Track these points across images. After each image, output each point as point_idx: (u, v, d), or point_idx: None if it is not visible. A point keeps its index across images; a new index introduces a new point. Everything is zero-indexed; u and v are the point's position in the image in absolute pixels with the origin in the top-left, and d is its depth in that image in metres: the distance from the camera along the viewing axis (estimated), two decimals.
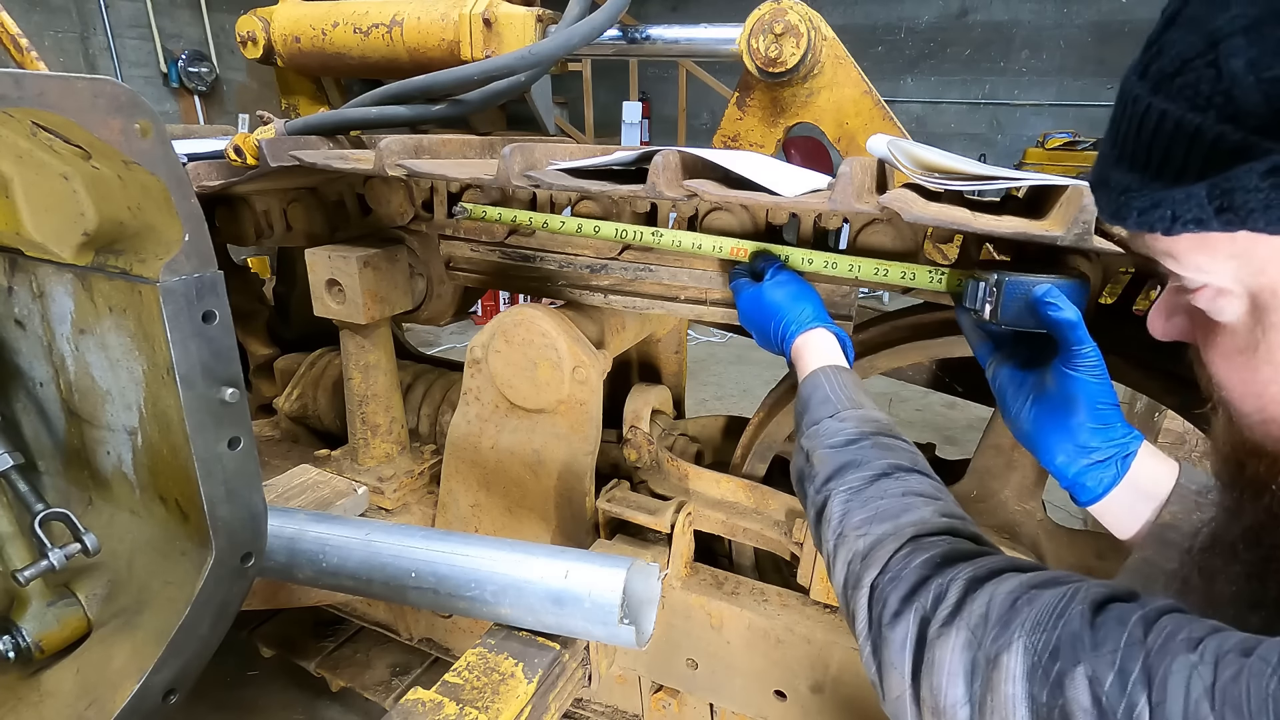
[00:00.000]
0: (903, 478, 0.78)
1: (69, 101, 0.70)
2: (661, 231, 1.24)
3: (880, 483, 0.78)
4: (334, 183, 1.66)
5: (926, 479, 0.79)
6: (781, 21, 1.37)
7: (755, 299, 1.11)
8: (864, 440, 0.83)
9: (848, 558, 0.73)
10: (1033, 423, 0.86)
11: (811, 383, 0.95)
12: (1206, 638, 0.45)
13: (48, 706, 0.96)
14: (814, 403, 0.92)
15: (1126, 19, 7.13)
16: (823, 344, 1.02)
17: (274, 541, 1.18)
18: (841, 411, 0.88)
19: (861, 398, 0.91)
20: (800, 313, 1.05)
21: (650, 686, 1.55)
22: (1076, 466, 0.80)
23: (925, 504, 0.74)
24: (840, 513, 0.77)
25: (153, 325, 0.83)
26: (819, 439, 0.87)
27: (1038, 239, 0.91)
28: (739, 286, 1.17)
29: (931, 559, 0.66)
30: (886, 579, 0.67)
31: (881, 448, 0.82)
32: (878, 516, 0.74)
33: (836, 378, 0.94)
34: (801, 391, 0.96)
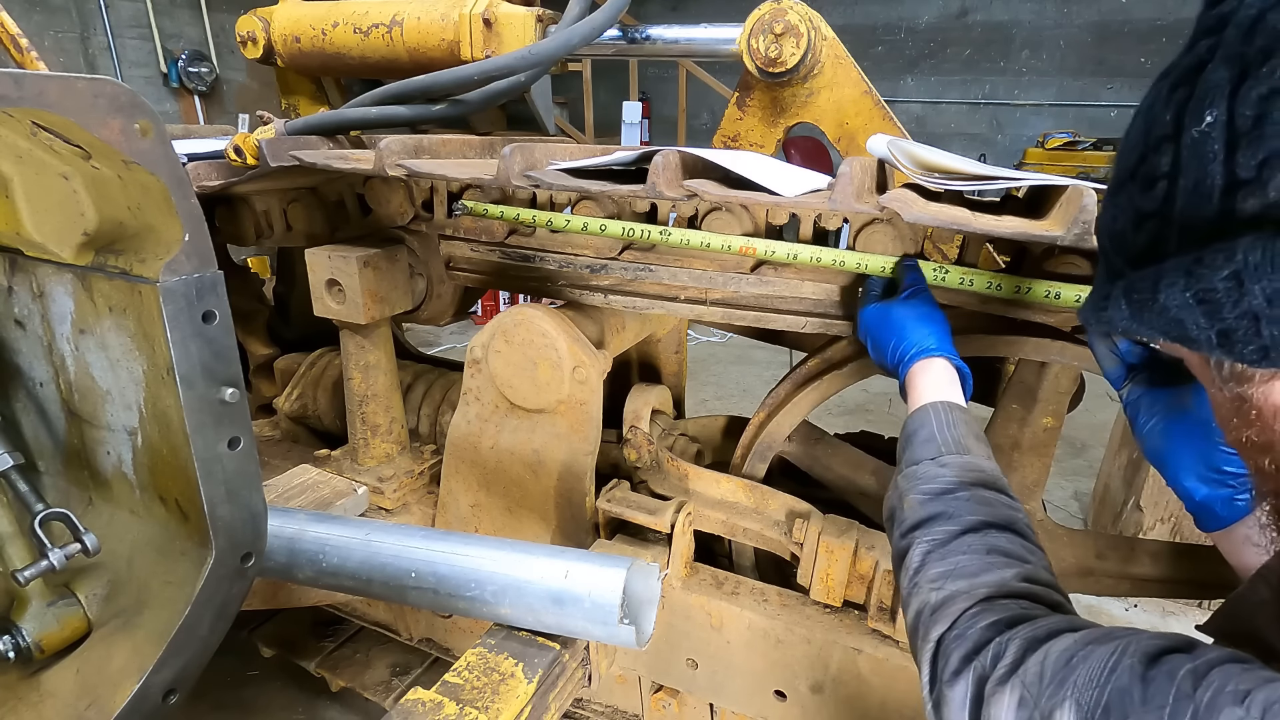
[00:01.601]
0: (991, 535, 0.75)
1: (69, 101, 0.70)
2: (670, 230, 1.24)
3: (965, 538, 0.75)
4: (334, 183, 1.66)
5: (1018, 538, 0.75)
6: (781, 21, 1.37)
7: (881, 313, 1.06)
8: (960, 491, 0.80)
9: (919, 608, 0.73)
10: (1165, 441, 0.86)
11: (919, 418, 0.91)
12: (1255, 690, 0.45)
13: (48, 706, 0.96)
14: (917, 440, 0.88)
15: (1126, 19, 7.12)
16: (940, 376, 0.96)
17: (274, 541, 1.18)
18: (944, 456, 0.84)
19: (970, 442, 0.86)
20: (924, 337, 0.99)
21: (650, 686, 1.55)
22: (1207, 490, 0.81)
23: (1007, 565, 0.72)
24: (918, 563, 0.76)
25: (153, 325, 0.83)
26: (914, 482, 0.83)
27: (1038, 239, 0.91)
28: (868, 298, 1.13)
29: (999, 621, 0.65)
30: (952, 635, 0.67)
31: (977, 501, 0.79)
32: (954, 573, 0.72)
33: (947, 416, 0.89)
34: (907, 424, 0.92)
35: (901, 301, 1.06)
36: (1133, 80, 7.20)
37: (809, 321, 1.27)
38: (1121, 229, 0.55)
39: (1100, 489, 3.00)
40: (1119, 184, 0.57)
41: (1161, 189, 0.50)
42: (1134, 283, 0.54)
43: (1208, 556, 1.21)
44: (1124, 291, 0.55)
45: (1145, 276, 0.52)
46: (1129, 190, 0.55)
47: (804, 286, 1.24)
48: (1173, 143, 0.49)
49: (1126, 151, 0.56)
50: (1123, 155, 0.57)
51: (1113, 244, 0.57)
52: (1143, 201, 0.52)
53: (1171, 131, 0.50)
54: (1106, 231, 0.59)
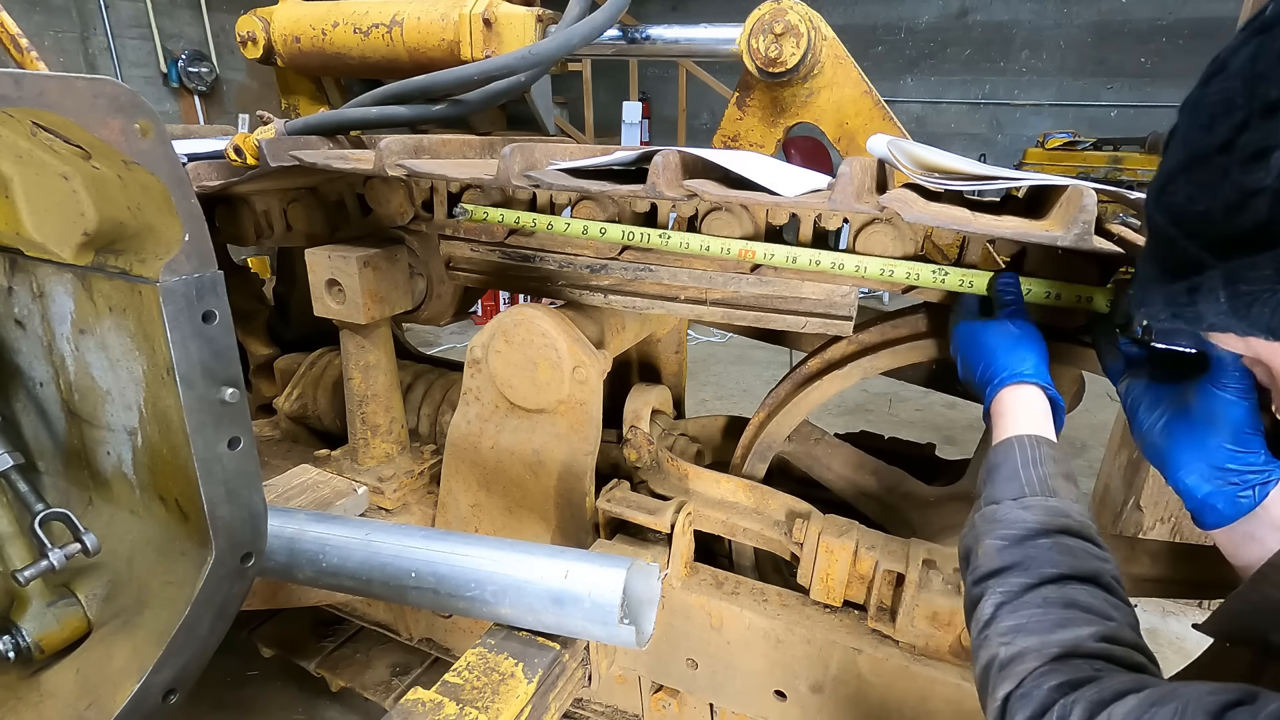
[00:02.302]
0: (1071, 588, 0.70)
1: (69, 101, 0.70)
2: (669, 234, 1.24)
3: (1042, 590, 0.70)
4: (334, 183, 1.66)
5: (1102, 593, 0.70)
6: (781, 21, 1.37)
7: (974, 333, 1.00)
8: (1042, 538, 0.74)
9: (987, 661, 0.70)
10: (1167, 439, 0.85)
11: (1003, 451, 0.85)
12: None
13: (48, 706, 0.96)
14: (1000, 477, 0.82)
15: (1126, 19, 7.13)
16: (1030, 405, 0.89)
17: (274, 541, 1.18)
18: (1027, 497, 0.78)
19: (1058, 483, 0.80)
20: (1018, 362, 0.92)
21: (650, 686, 1.55)
22: (1209, 488, 0.80)
23: (1086, 622, 0.67)
24: (989, 614, 0.72)
25: (153, 325, 0.83)
26: (992, 525, 0.78)
27: (1038, 240, 0.91)
28: (962, 314, 1.07)
29: (1067, 682, 0.62)
30: (1018, 695, 0.64)
31: (1060, 550, 0.73)
32: (1026, 628, 0.68)
33: (1034, 451, 0.83)
34: (990, 457, 0.86)
35: (997, 321, 0.99)
36: (1133, 80, 7.20)
37: (809, 321, 1.27)
38: (1206, 210, 0.50)
39: (1100, 489, 3.00)
40: (1196, 159, 0.51)
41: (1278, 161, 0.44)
42: (1238, 272, 0.48)
43: (1208, 556, 1.21)
44: (1224, 282, 0.49)
45: (1259, 264, 0.46)
46: (1217, 165, 0.49)
47: (804, 287, 1.24)
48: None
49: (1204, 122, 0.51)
50: (1198, 126, 0.52)
51: (1189, 229, 0.52)
52: (1246, 177, 0.46)
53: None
54: (1177, 215, 0.53)
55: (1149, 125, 6.48)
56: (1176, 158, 0.55)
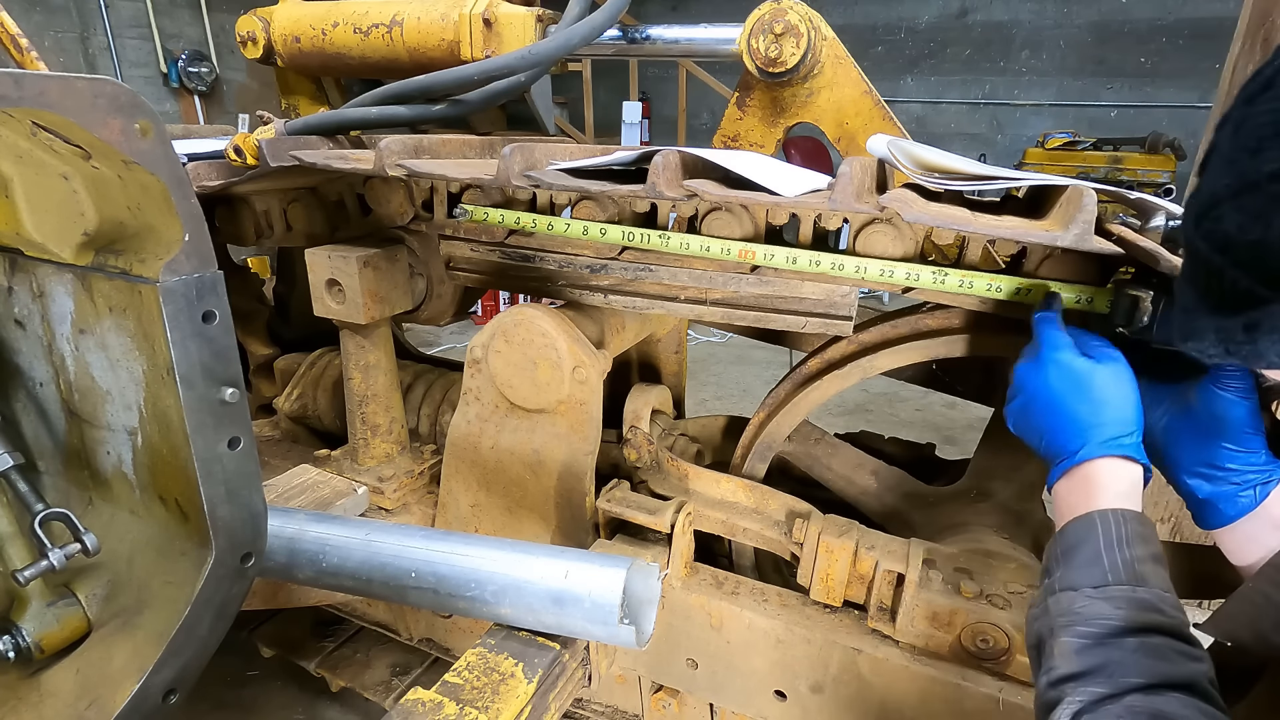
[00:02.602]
0: (1160, 698, 0.62)
1: (69, 101, 0.70)
2: (669, 235, 1.24)
3: (1128, 699, 0.62)
4: (334, 183, 1.66)
5: (1195, 700, 0.62)
6: (781, 21, 1.37)
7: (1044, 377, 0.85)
8: (1128, 638, 0.66)
9: None
10: (1167, 438, 0.83)
11: (1084, 526, 0.74)
12: None
13: (48, 706, 0.96)
14: (1079, 558, 0.73)
15: (1126, 19, 7.13)
16: (1118, 479, 0.77)
17: (274, 541, 1.18)
18: (1111, 587, 0.69)
19: (1147, 568, 0.71)
20: (1110, 426, 0.79)
21: (650, 686, 1.55)
22: (1210, 487, 0.79)
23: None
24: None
25: (153, 325, 0.83)
26: (1070, 619, 0.69)
27: (1038, 240, 0.91)
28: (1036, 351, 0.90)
29: None
30: None
31: (1148, 653, 0.65)
32: None
33: (1120, 530, 0.73)
34: (1067, 531, 0.76)
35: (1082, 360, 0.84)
36: (1133, 80, 7.20)
37: (809, 321, 1.26)
38: (1260, 241, 0.46)
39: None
40: (1246, 185, 0.48)
41: None
42: None
43: (1208, 556, 1.21)
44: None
45: None
46: (1271, 193, 0.45)
47: (804, 287, 1.24)
48: None
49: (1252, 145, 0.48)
50: (1244, 150, 0.49)
51: (1240, 258, 0.48)
52: None
53: None
54: (1224, 243, 0.50)
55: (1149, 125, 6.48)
56: (1221, 181, 0.51)
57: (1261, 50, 1.93)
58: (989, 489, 1.40)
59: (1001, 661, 1.15)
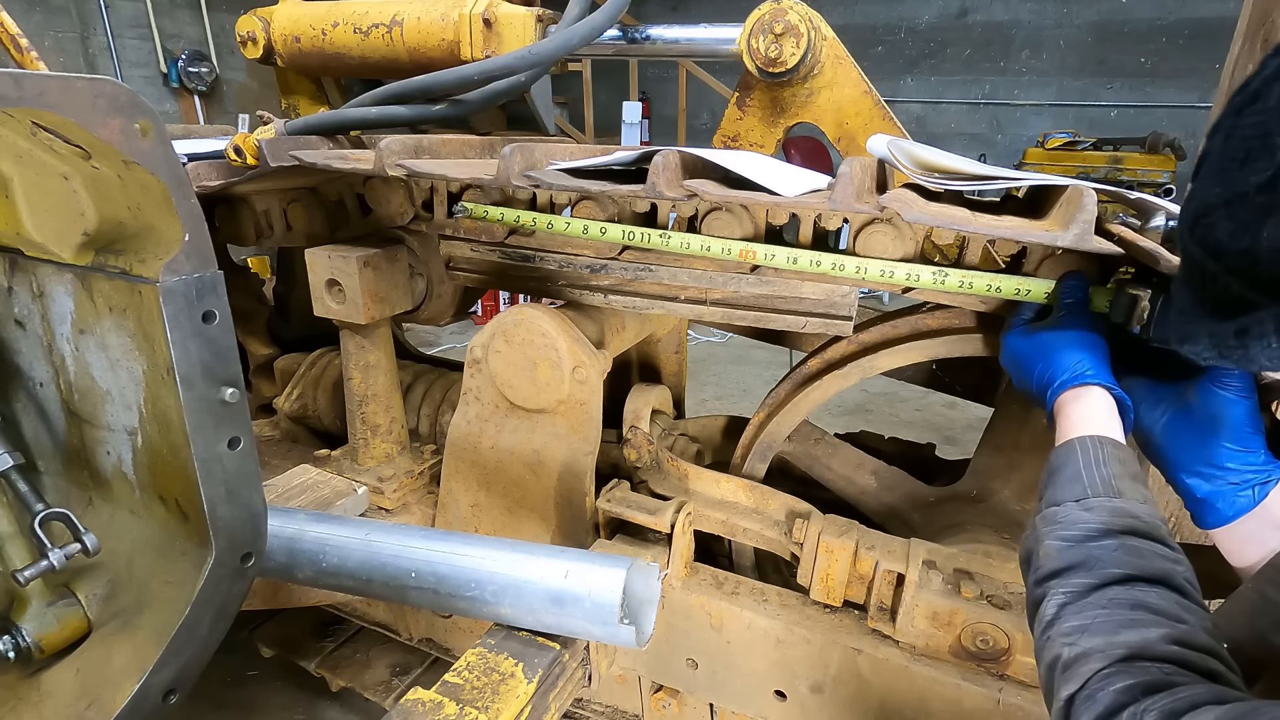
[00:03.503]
0: (1139, 589, 0.67)
1: (69, 101, 0.70)
2: (669, 234, 1.24)
3: (1108, 590, 0.67)
4: (334, 183, 1.66)
5: (1174, 594, 0.67)
6: (781, 21, 1.37)
7: (1028, 338, 0.97)
8: (1107, 539, 0.72)
9: (1050, 662, 0.68)
10: (1165, 437, 0.84)
11: (1065, 452, 0.82)
12: None
13: (48, 706, 0.96)
14: (1061, 479, 0.79)
15: (1126, 19, 7.12)
16: (1095, 406, 0.85)
17: (274, 541, 1.18)
18: (1090, 499, 0.76)
19: (1124, 484, 0.77)
20: (1076, 362, 0.89)
21: (650, 686, 1.55)
22: (1209, 487, 0.80)
23: (1155, 624, 0.64)
24: (1052, 614, 0.70)
25: (153, 325, 0.83)
26: (1054, 526, 0.75)
27: (1038, 240, 0.91)
28: (1015, 323, 1.03)
29: (1135, 685, 0.59)
30: (1082, 696, 0.62)
31: (1126, 551, 0.70)
32: (1091, 628, 0.66)
33: (1097, 452, 0.80)
34: (1051, 459, 0.83)
35: (1053, 324, 0.95)
36: (1133, 80, 7.20)
37: (809, 321, 1.27)
38: (1250, 249, 0.47)
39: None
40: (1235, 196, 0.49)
41: None
42: None
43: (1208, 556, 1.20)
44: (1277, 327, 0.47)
45: None
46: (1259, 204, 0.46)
47: (804, 287, 1.24)
48: None
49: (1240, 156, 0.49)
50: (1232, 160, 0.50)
51: (1232, 265, 0.50)
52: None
53: None
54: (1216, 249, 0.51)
55: (1149, 125, 6.48)
56: (1212, 190, 0.52)
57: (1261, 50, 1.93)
58: (989, 489, 1.40)
59: (1001, 661, 1.15)
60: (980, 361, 1.30)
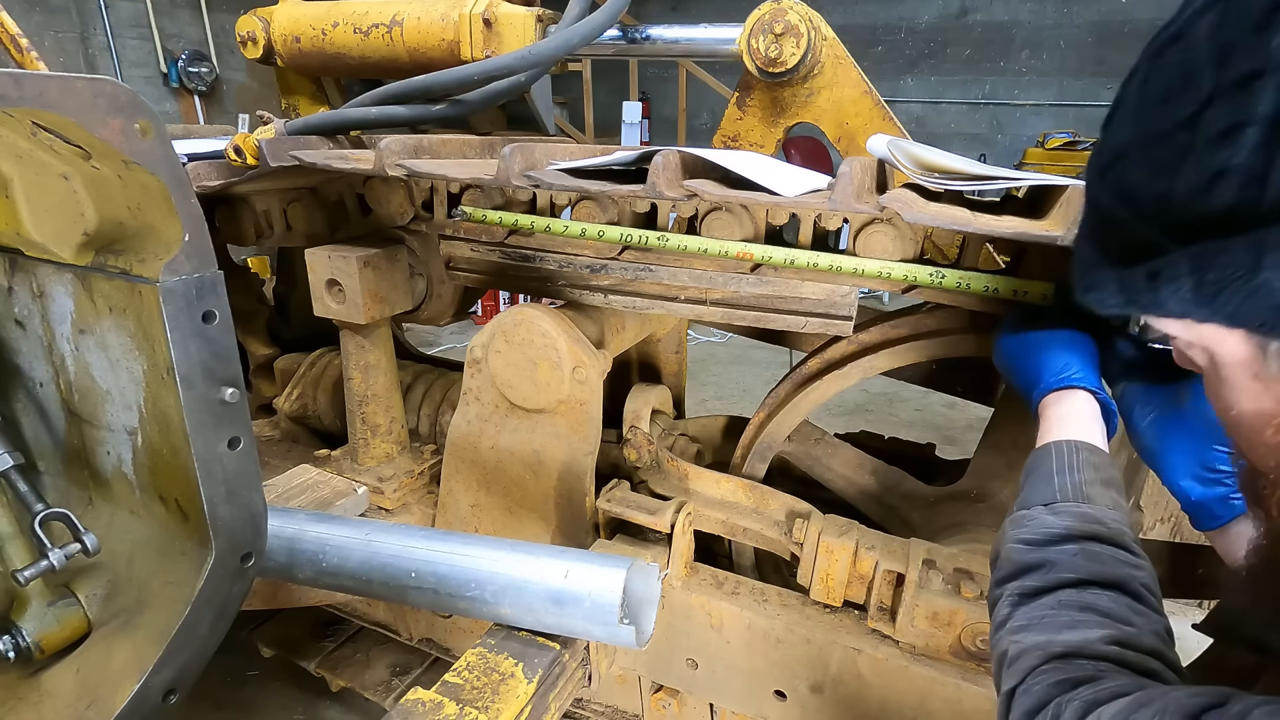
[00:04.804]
0: (1091, 593, 0.67)
1: (69, 101, 0.70)
2: (667, 235, 1.24)
3: (1059, 592, 0.68)
4: (334, 183, 1.66)
5: (1126, 599, 0.67)
6: (781, 21, 1.37)
7: (1020, 340, 0.97)
8: (1068, 544, 0.71)
9: (998, 657, 0.69)
10: (1160, 439, 0.84)
11: (1040, 455, 0.82)
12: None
13: (48, 706, 0.96)
14: (1033, 481, 0.80)
15: (1126, 19, 7.13)
16: (1077, 409, 0.85)
17: (274, 541, 1.18)
18: (1059, 503, 0.75)
19: (1095, 489, 0.76)
20: (1063, 365, 0.89)
21: (650, 686, 1.55)
22: (1203, 490, 0.80)
23: (1099, 625, 0.64)
24: (1004, 614, 0.71)
25: (153, 325, 0.83)
26: (1018, 529, 0.76)
27: (1038, 239, 0.91)
28: (1010, 323, 1.03)
29: (1066, 680, 0.61)
30: (1020, 689, 0.63)
31: (1085, 556, 0.70)
32: (1035, 626, 0.67)
33: (1073, 457, 0.79)
34: (1029, 461, 0.83)
35: (1045, 325, 0.96)
36: None
37: (809, 321, 1.27)
38: (1165, 192, 0.46)
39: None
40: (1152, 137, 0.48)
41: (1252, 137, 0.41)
42: (1207, 258, 0.44)
43: (1207, 556, 1.21)
44: (1189, 269, 0.46)
45: (1230, 249, 0.43)
46: (1178, 143, 0.45)
47: (804, 287, 1.24)
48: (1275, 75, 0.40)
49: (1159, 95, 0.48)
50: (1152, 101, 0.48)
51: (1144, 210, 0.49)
52: (1212, 156, 0.43)
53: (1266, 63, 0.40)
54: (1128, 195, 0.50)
55: None
56: (1125, 134, 0.51)
57: None
58: (989, 489, 1.40)
59: None
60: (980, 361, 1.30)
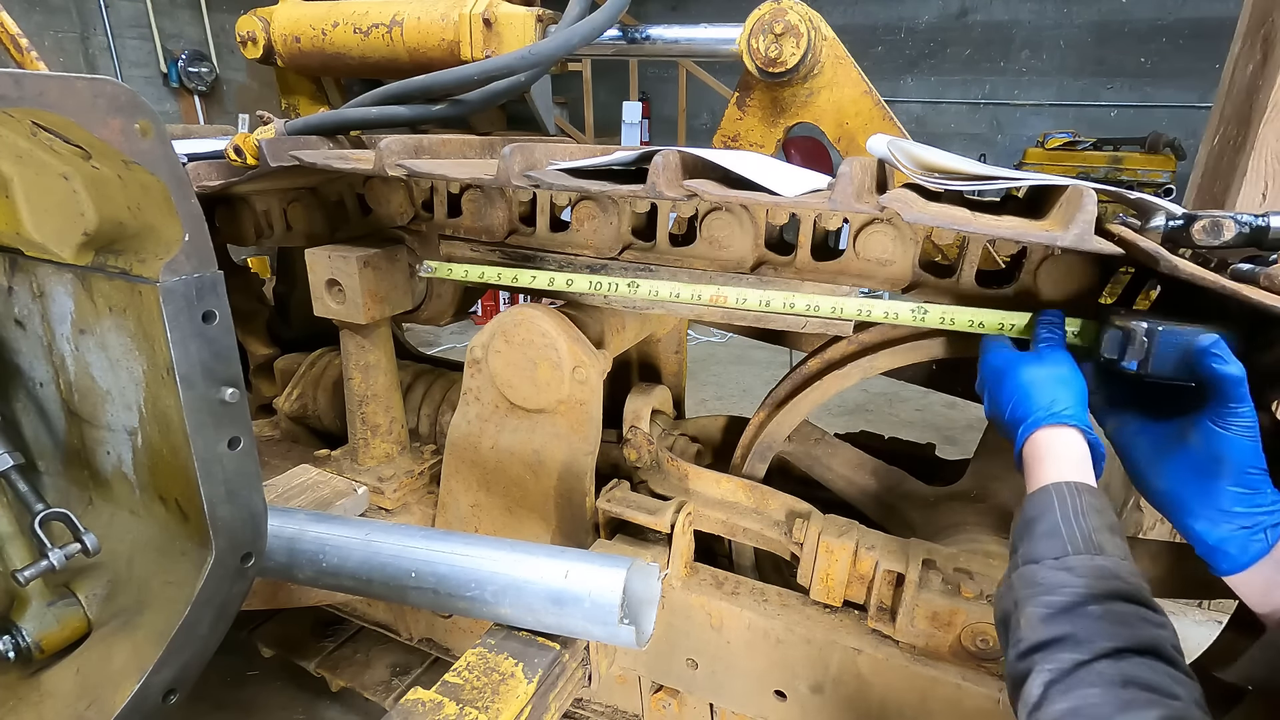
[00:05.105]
0: (1129, 663, 0.63)
1: (69, 101, 0.70)
2: (638, 282, 1.28)
3: (1096, 666, 0.63)
4: (334, 183, 1.66)
5: (1163, 665, 0.64)
6: (781, 21, 1.37)
7: (1004, 367, 0.93)
8: (1090, 605, 0.67)
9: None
10: (1168, 482, 0.80)
11: (1041, 501, 0.78)
12: None
13: (48, 706, 0.96)
14: (1037, 531, 0.75)
15: (1126, 19, 7.12)
16: (1068, 449, 0.82)
17: (274, 541, 1.18)
18: (1070, 557, 0.71)
19: (1104, 537, 0.73)
20: (1051, 401, 0.85)
21: (650, 686, 1.55)
22: (1219, 532, 0.76)
23: (1149, 703, 0.60)
24: (1038, 695, 0.65)
25: (153, 325, 0.83)
26: (1034, 590, 0.71)
27: (1038, 240, 0.91)
28: (994, 345, 0.99)
29: None
30: None
31: (1112, 619, 0.66)
32: (1084, 711, 0.61)
33: (1075, 502, 0.76)
34: (1026, 508, 0.79)
35: (1033, 355, 0.93)
36: (1133, 80, 7.20)
37: (809, 321, 1.26)
38: None
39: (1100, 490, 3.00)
40: None
41: None
42: None
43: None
44: None
45: None
46: None
47: (804, 287, 1.24)
48: None
49: None
50: None
51: None
52: None
53: None
54: None
55: (1149, 125, 6.48)
56: None
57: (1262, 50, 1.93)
58: (989, 489, 1.40)
59: (1001, 661, 1.15)
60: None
